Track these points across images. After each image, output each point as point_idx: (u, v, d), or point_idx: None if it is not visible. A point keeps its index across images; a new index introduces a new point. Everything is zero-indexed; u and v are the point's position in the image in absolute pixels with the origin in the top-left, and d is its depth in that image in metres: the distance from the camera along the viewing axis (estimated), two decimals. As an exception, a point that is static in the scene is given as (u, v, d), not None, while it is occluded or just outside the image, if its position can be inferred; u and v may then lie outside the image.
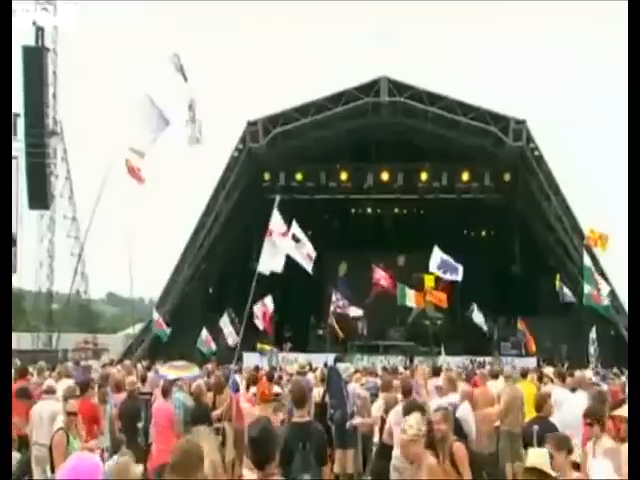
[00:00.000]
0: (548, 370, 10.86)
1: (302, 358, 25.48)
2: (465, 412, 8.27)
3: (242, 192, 29.72)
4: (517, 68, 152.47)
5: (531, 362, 25.37)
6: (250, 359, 24.42)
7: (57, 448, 6.02)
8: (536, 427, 6.72)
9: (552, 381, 10.78)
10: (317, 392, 10.66)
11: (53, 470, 5.99)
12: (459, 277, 18.37)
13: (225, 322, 23.58)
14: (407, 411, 6.29)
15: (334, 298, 24.68)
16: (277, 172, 30.38)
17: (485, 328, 25.94)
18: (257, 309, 21.37)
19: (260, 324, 21.90)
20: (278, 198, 10.54)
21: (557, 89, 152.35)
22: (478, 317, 25.33)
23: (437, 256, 18.33)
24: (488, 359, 26.94)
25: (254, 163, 29.71)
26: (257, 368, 15.76)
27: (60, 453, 5.96)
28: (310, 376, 12.65)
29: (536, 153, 28.16)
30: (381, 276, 25.74)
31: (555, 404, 8.19)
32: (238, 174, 29.21)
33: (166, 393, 8.54)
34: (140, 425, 8.51)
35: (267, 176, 30.24)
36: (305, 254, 15.05)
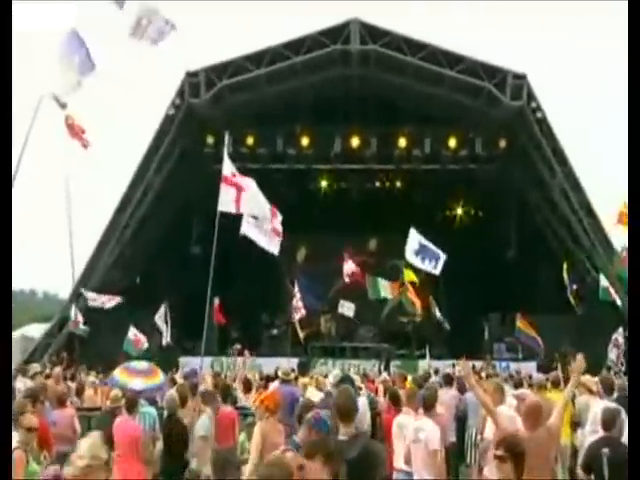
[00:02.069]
0: (585, 378, 10.76)
1: (251, 362, 25.46)
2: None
3: (179, 159, 29.12)
4: (516, 17, 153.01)
5: (530, 367, 25.75)
6: (186, 363, 24.11)
7: (15, 471, 5.70)
8: (606, 450, 6.82)
9: (591, 391, 10.75)
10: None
11: None
12: (438, 269, 17.82)
13: (162, 317, 23.32)
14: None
15: (295, 298, 24.52)
16: (223, 135, 29.69)
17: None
18: None
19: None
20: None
21: (563, 40, 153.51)
22: (435, 306, 26.58)
23: (414, 240, 17.72)
24: (478, 363, 27.16)
25: (194, 123, 29.12)
26: (218, 374, 15.65)
27: (18, 477, 5.68)
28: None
29: (538, 115, 28.15)
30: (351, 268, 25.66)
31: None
32: (174, 137, 28.59)
33: (131, 407, 8.16)
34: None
35: (210, 140, 29.65)
36: (269, 230, 14.77)
